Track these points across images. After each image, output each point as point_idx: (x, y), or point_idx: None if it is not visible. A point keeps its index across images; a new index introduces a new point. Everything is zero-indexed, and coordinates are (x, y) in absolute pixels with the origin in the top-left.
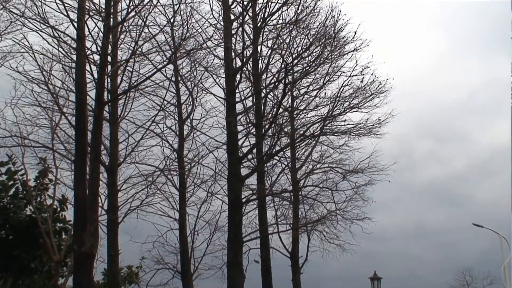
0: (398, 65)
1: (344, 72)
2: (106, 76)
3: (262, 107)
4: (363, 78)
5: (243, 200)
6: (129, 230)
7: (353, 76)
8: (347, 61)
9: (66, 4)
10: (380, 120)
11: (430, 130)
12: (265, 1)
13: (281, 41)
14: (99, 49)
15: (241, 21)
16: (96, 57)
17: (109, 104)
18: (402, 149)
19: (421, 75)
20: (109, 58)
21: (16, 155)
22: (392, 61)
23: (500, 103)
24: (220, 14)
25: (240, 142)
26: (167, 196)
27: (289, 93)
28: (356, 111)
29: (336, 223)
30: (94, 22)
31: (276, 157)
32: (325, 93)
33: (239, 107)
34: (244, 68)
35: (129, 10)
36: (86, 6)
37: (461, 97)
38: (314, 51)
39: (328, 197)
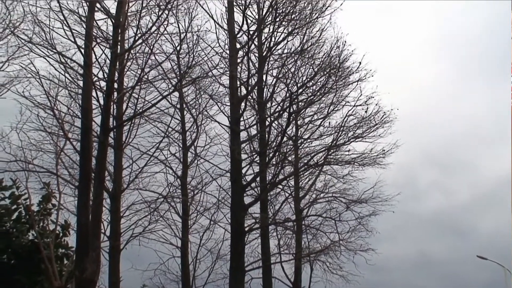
0: (403, 93)
1: (348, 102)
2: (112, 103)
3: (266, 136)
4: (367, 108)
5: (246, 229)
6: (131, 257)
7: (357, 106)
8: (351, 91)
9: (73, 31)
10: (384, 150)
11: (434, 160)
12: (270, 31)
13: (286, 70)
14: (105, 75)
15: (246, 50)
16: (103, 84)
17: (114, 130)
18: (406, 178)
19: (426, 104)
20: (115, 85)
21: (20, 180)
22: (397, 89)
23: (505, 130)
24: (226, 43)
25: (243, 170)
26: (169, 223)
27: (294, 122)
28: (360, 141)
29: (340, 253)
30: (101, 49)
31: (280, 186)
32: (329, 122)
33: (243, 135)
34: (249, 97)
35: (136, 38)
36: (94, 33)
37: (466, 126)
38: (319, 80)
39: (331, 227)
